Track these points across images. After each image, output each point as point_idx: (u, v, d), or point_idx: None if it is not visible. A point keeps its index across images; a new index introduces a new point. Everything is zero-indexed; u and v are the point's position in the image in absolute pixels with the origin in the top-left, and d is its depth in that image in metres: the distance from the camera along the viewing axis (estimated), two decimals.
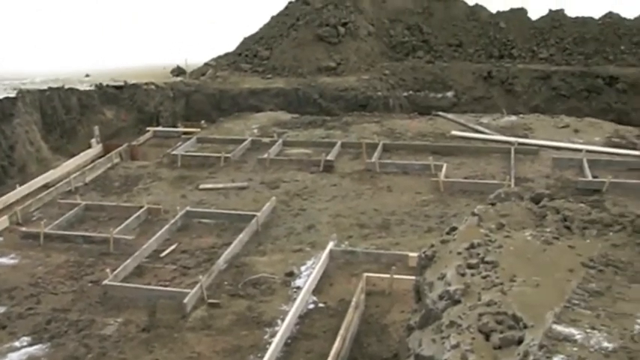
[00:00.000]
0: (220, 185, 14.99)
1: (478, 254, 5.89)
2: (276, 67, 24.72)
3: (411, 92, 24.27)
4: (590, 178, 14.01)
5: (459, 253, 6.00)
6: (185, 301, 9.84)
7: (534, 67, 25.25)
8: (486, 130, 18.58)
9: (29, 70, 23.04)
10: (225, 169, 16.01)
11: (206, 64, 25.71)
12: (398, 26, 27.49)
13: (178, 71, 25.59)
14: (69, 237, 12.40)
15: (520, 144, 16.85)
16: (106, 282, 10.47)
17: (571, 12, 27.30)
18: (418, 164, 15.47)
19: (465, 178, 14.84)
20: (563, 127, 18.81)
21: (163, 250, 11.83)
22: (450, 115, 20.84)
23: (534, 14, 27.65)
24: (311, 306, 10.02)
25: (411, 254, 10.45)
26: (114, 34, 34.63)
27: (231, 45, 27.14)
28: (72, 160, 16.59)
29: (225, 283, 10.73)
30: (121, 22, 37.40)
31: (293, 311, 9.38)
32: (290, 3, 27.53)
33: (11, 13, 40.07)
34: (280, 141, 17.49)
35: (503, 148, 16.47)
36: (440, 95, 24.25)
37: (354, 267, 11.02)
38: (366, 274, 10.31)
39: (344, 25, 25.59)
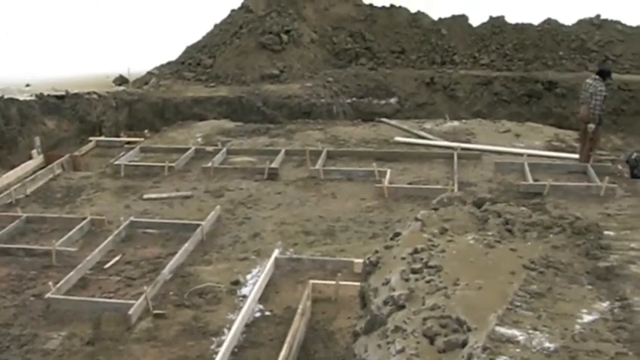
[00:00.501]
0: (164, 195, 14.87)
1: (422, 259, 5.94)
2: (219, 76, 24.65)
3: (354, 99, 24.38)
4: (531, 181, 14.23)
5: (403, 259, 6.05)
6: (130, 312, 9.73)
7: (476, 72, 25.58)
8: (429, 136, 18.77)
9: None
10: (169, 179, 15.89)
11: (149, 73, 25.51)
12: (341, 33, 27.64)
13: (121, 80, 25.38)
14: (9, 250, 12.14)
15: (463, 149, 17.05)
16: (48, 295, 10.29)
17: (511, 18, 27.75)
18: (362, 170, 15.55)
19: (409, 183, 14.96)
20: (504, 131, 19.08)
21: (107, 262, 11.67)
22: (393, 122, 20.99)
23: (475, 21, 28.04)
24: (257, 314, 9.99)
25: (357, 260, 10.49)
26: (55, 43, 34.13)
27: (174, 53, 27.03)
28: (12, 171, 16.25)
29: (171, 293, 10.64)
30: (62, 30, 36.88)
31: (239, 320, 9.35)
32: (233, 11, 27.51)
33: None
34: (224, 149, 17.42)
35: (447, 153, 16.65)
36: (383, 102, 24.40)
37: (299, 274, 11.01)
38: (311, 281, 10.32)
39: (287, 32, 25.63)
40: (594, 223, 6.88)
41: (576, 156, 16.37)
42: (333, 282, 10.22)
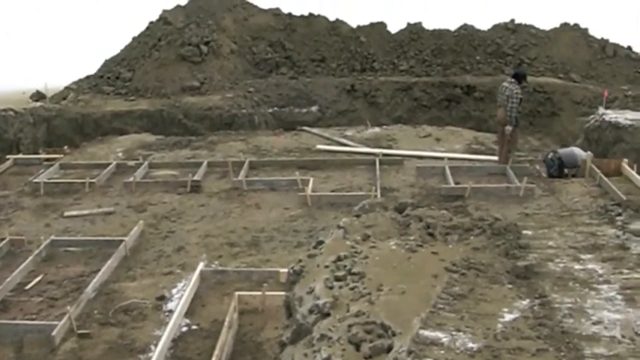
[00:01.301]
0: (86, 212, 14.59)
1: (345, 266, 5.97)
2: (139, 89, 24.31)
3: (275, 108, 24.36)
4: (452, 184, 14.44)
5: (327, 267, 6.07)
6: (53, 333, 9.51)
7: (395, 79, 25.84)
8: (351, 143, 18.90)
9: None
10: (90, 195, 15.59)
11: (67, 88, 24.98)
12: (261, 43, 27.59)
13: (38, 96, 24.77)
14: None
15: (385, 155, 17.21)
16: None
17: (428, 25, 28.16)
18: (285, 180, 15.54)
19: (332, 191, 15.01)
20: (425, 136, 19.34)
21: (29, 282, 11.37)
22: (315, 130, 21.08)
23: (393, 28, 28.35)
24: (184, 329, 9.88)
25: (282, 270, 10.47)
26: None
27: (92, 67, 26.57)
28: None
29: (95, 311, 10.43)
30: None
31: (166, 335, 9.23)
32: (151, 23, 27.18)
33: None
34: (146, 163, 17.20)
35: (369, 160, 16.77)
36: (304, 110, 24.44)
37: (225, 286, 10.94)
38: (237, 293, 10.25)
39: (206, 43, 25.46)
40: (513, 224, 7.03)
41: (495, 158, 16.68)
42: (259, 293, 10.17)
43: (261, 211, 14.32)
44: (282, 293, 8.08)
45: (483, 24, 28.38)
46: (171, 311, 10.24)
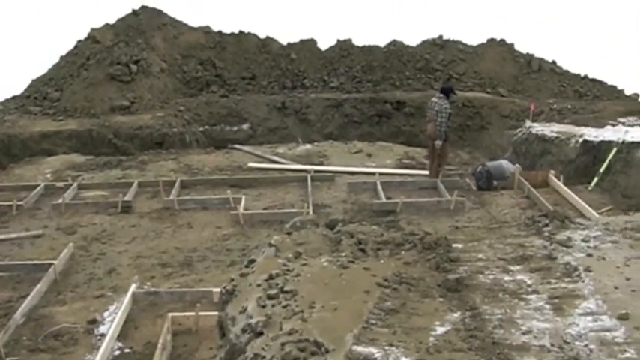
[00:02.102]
0: (13, 235, 14.26)
1: (277, 284, 5.95)
2: (67, 109, 23.94)
3: (207, 127, 24.29)
4: (384, 200, 14.56)
5: (259, 285, 6.03)
6: None
7: (326, 95, 26.01)
8: (283, 160, 18.93)
9: None
10: (18, 218, 15.25)
11: None
12: (191, 61, 27.50)
13: None
14: None
15: (316, 171, 17.29)
16: None
17: (358, 41, 28.47)
18: (217, 199, 15.46)
19: (265, 209, 15.00)
20: (356, 152, 19.48)
21: None
22: (246, 148, 21.06)
23: (324, 45, 28.59)
24: (117, 352, 9.72)
25: (216, 290, 10.38)
26: None
27: (18, 87, 26.11)
28: None
29: (24, 337, 10.18)
30: None
31: None
32: (79, 42, 26.83)
33: None
34: (75, 185, 16.91)
35: (301, 177, 16.81)
36: (236, 128, 24.42)
37: (158, 308, 10.80)
38: (170, 314, 10.14)
39: (136, 62, 25.25)
40: (443, 237, 7.09)
41: (426, 172, 16.88)
42: (193, 313, 10.08)
43: (193, 231, 14.22)
44: (216, 313, 8.02)
45: (412, 40, 28.85)
46: (103, 335, 10.06)
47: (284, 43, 28.45)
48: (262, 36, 28.48)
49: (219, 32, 28.69)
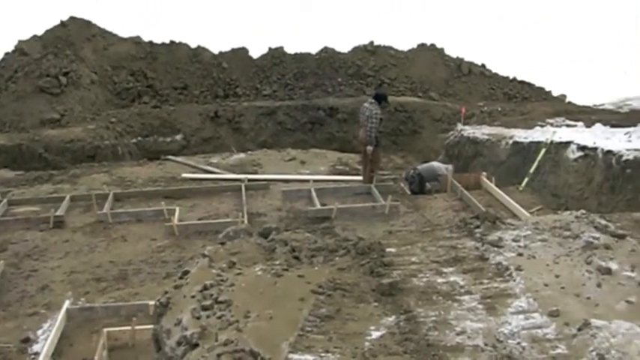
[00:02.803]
0: None
1: (212, 295, 5.92)
2: None
3: (139, 138, 24.08)
4: (319, 206, 14.57)
5: (193, 297, 6.00)
6: None
7: (259, 103, 26.02)
8: (217, 170, 18.84)
9: None
10: None
11: None
12: (122, 73, 27.23)
13: None
14: None
15: (250, 180, 17.23)
16: None
17: (290, 49, 28.55)
18: (151, 210, 15.29)
19: (199, 219, 14.88)
20: (290, 159, 19.50)
21: None
22: (179, 158, 20.91)
23: (255, 53, 28.60)
24: None
25: (151, 303, 10.26)
26: None
27: None
28: None
29: None
30: None
31: None
32: (7, 54, 26.31)
33: None
34: (5, 201, 16.52)
35: (235, 186, 16.72)
36: (169, 139, 24.27)
37: (93, 323, 10.61)
38: (106, 329, 9.98)
39: (66, 74, 24.86)
40: (377, 242, 7.14)
41: (360, 178, 16.97)
42: (129, 327, 9.95)
43: (127, 244, 14.03)
44: (152, 326, 7.94)
45: (343, 46, 29.03)
46: (37, 353, 9.86)
47: (216, 52, 28.39)
48: (193, 45, 28.37)
49: (150, 42, 28.48)
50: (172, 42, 28.41)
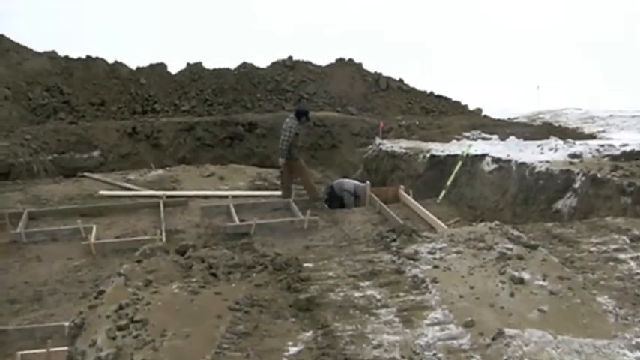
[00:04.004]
0: None
1: (127, 314, 5.83)
2: None
3: (55, 155, 23.65)
4: (237, 222, 14.53)
5: (108, 316, 5.89)
6: None
7: (178, 119, 25.88)
8: (134, 187, 18.60)
9: None
10: None
11: None
12: (37, 88, 26.74)
13: None
14: None
15: (169, 197, 17.08)
16: None
17: (209, 64, 28.52)
18: (67, 229, 15.01)
19: (117, 237, 14.68)
20: (209, 175, 19.39)
21: None
22: (96, 175, 20.58)
23: (174, 68, 28.49)
24: None
25: (67, 324, 10.06)
26: None
27: None
28: None
29: None
30: None
31: None
32: None
33: None
34: None
35: (153, 203, 16.57)
36: (86, 156, 23.92)
37: (7, 347, 10.33)
38: (20, 353, 9.71)
39: None
40: (294, 258, 7.14)
41: (279, 193, 16.99)
42: (44, 350, 9.72)
43: (42, 264, 13.73)
44: (68, 348, 7.77)
45: (262, 61, 29.16)
46: None
47: (133, 67, 28.15)
48: (111, 60, 28.05)
49: (66, 57, 28.08)
50: (89, 57, 28.09)
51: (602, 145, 15.75)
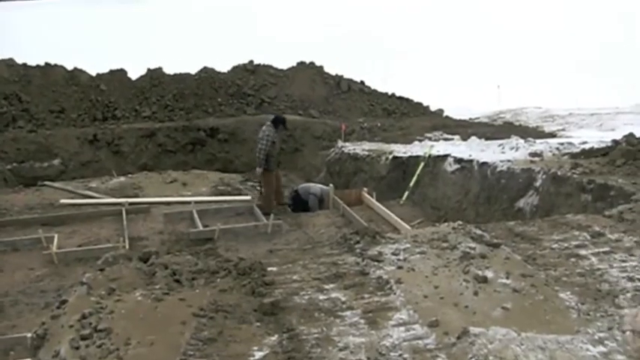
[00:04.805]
0: None
1: (90, 324, 5.80)
2: None
3: (14, 164, 23.32)
4: (201, 228, 14.46)
5: (71, 326, 5.86)
6: None
7: (139, 125, 25.63)
8: (96, 195, 18.41)
9: None
10: None
11: None
12: None
13: None
14: None
15: (131, 204, 16.93)
16: None
17: (169, 69, 28.31)
18: (28, 239, 14.79)
19: (79, 246, 14.51)
20: (171, 181, 19.26)
21: None
22: (57, 184, 20.33)
23: (134, 74, 28.23)
24: None
25: (30, 335, 9.95)
26: None
27: None
28: None
29: None
30: None
31: None
32: None
33: None
34: None
35: (115, 210, 16.40)
36: (46, 164, 23.61)
37: None
38: None
39: None
40: (258, 262, 7.15)
41: (243, 197, 16.94)
42: None
43: (3, 275, 13.53)
44: None
45: (223, 66, 29.03)
46: None
47: (93, 73, 27.85)
48: (70, 67, 27.73)
49: (24, 64, 27.68)
50: (47, 64, 27.71)
51: (562, 143, 15.90)
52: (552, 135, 24.32)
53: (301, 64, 29.70)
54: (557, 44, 50.96)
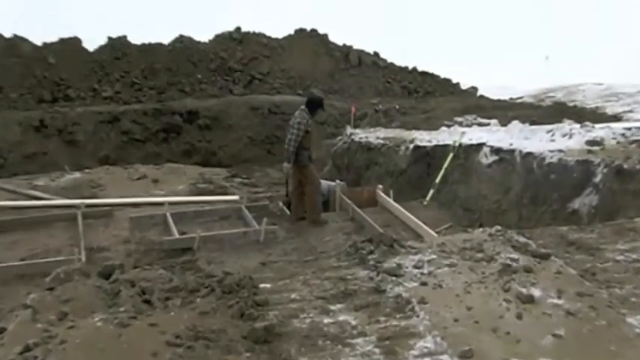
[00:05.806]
0: None
1: (36, 357, 5.77)
2: None
3: None
4: (177, 235, 14.44)
5: None
6: None
7: (98, 108, 25.66)
8: (44, 195, 18.44)
9: None
10: None
11: None
12: None
13: None
14: None
15: (88, 206, 16.93)
16: None
17: (135, 38, 28.27)
18: None
19: (22, 259, 14.50)
20: (139, 178, 19.31)
21: None
22: None
23: (91, 44, 28.18)
24: None
25: None
26: None
27: None
28: None
29: None
30: None
31: None
32: None
33: None
34: None
35: (69, 214, 16.41)
36: None
37: None
38: None
39: None
40: (247, 277, 7.12)
41: (229, 197, 16.91)
42: None
43: None
44: None
45: (203, 34, 28.96)
46: None
47: (38, 42, 27.81)
48: (7, 34, 27.71)
49: None
50: None
51: (629, 128, 15.71)
52: (616, 118, 24.36)
53: (301, 31, 29.61)
54: (622, 5, 50.88)
